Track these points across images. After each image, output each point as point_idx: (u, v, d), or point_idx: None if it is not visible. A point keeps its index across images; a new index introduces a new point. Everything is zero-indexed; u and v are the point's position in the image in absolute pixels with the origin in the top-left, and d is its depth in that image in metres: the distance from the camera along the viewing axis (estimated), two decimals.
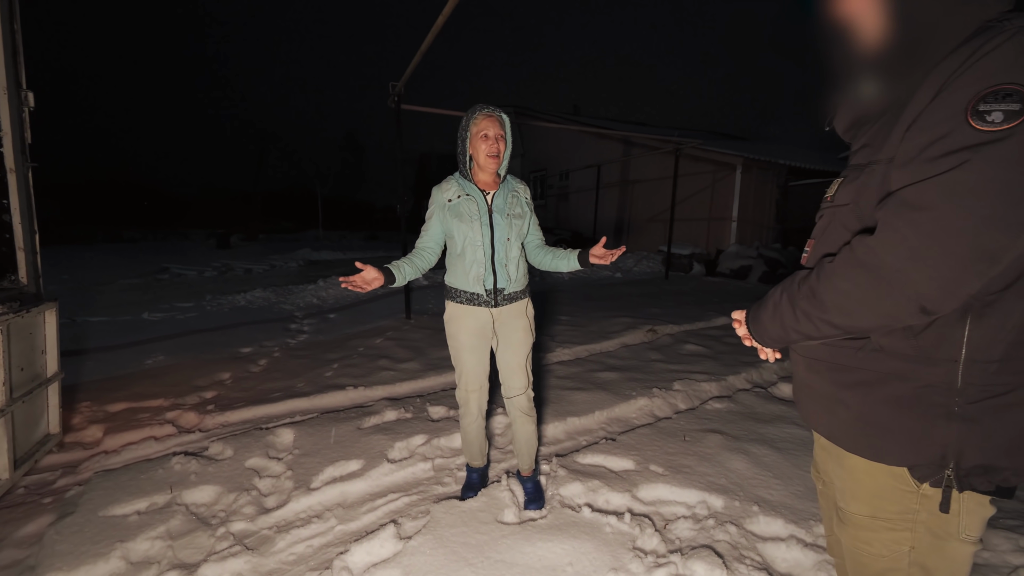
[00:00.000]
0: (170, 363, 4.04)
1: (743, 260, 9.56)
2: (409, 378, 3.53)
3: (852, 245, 0.72)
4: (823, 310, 0.75)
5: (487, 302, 1.82)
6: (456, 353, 1.90)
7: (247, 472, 2.23)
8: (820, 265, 0.77)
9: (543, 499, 1.99)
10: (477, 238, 1.78)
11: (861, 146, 0.82)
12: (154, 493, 2.04)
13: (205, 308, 6.48)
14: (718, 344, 4.47)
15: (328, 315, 6.00)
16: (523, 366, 1.93)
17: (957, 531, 0.76)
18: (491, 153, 1.74)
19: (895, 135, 0.71)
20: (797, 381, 0.97)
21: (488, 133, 1.74)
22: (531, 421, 1.97)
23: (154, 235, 26.81)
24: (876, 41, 0.77)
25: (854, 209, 0.79)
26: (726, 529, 1.81)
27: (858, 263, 0.69)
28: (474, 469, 2.08)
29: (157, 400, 3.21)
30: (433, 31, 3.75)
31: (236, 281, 9.58)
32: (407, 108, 5.47)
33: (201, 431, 2.73)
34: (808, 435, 2.57)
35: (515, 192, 1.87)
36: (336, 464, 2.25)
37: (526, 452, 2.00)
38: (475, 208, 1.78)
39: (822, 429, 0.90)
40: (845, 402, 0.83)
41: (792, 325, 0.81)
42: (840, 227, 0.82)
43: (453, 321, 1.88)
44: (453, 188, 1.82)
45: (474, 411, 1.95)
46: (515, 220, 1.83)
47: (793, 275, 0.84)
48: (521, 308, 1.90)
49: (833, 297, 0.73)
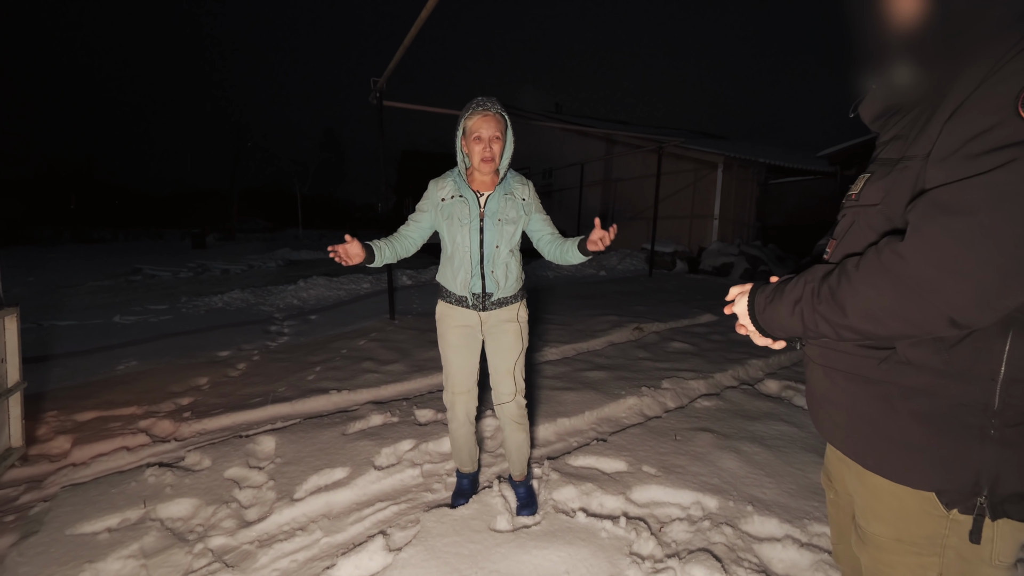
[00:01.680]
0: (143, 368, 3.88)
1: (725, 257, 9.67)
2: (395, 380, 3.45)
3: (878, 248, 0.65)
4: (843, 315, 0.68)
5: (475, 306, 1.79)
6: (444, 352, 1.86)
7: (226, 483, 2.13)
8: (843, 266, 0.70)
9: (536, 504, 1.94)
10: (465, 243, 1.73)
11: (891, 138, 0.75)
12: (126, 508, 1.93)
13: (180, 310, 6.27)
14: (704, 341, 4.49)
15: (309, 316, 5.86)
16: (511, 371, 1.85)
17: (990, 557, 0.70)
18: (485, 157, 1.66)
19: (933, 127, 0.64)
20: (813, 390, 0.90)
21: (482, 135, 1.64)
22: (522, 429, 1.90)
23: (125, 235, 25.97)
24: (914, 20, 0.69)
25: (883, 210, 0.72)
26: (722, 531, 1.79)
27: (883, 269, 0.63)
28: (464, 475, 2.02)
29: (130, 408, 3.07)
30: (416, 24, 3.66)
31: (213, 282, 9.31)
32: (389, 105, 5.37)
33: (177, 440, 2.61)
34: (798, 432, 2.58)
35: (511, 194, 1.77)
36: (320, 472, 2.16)
37: (517, 459, 1.94)
38: (466, 212, 1.72)
39: (840, 444, 0.84)
40: (867, 417, 0.76)
41: (810, 325, 0.74)
42: (866, 228, 0.76)
43: (443, 319, 1.85)
44: (448, 187, 1.75)
45: (460, 416, 1.89)
46: (506, 226, 1.75)
47: (812, 268, 0.77)
48: (512, 312, 1.85)
49: (855, 302, 0.67)
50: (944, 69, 0.66)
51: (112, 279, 9.56)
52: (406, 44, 4.05)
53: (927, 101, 0.68)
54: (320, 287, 7.55)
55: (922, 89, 0.70)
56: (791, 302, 0.77)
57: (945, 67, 0.66)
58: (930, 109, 0.66)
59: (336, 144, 42.16)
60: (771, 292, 0.83)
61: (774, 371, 3.75)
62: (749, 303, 0.87)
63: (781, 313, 0.79)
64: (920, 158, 0.66)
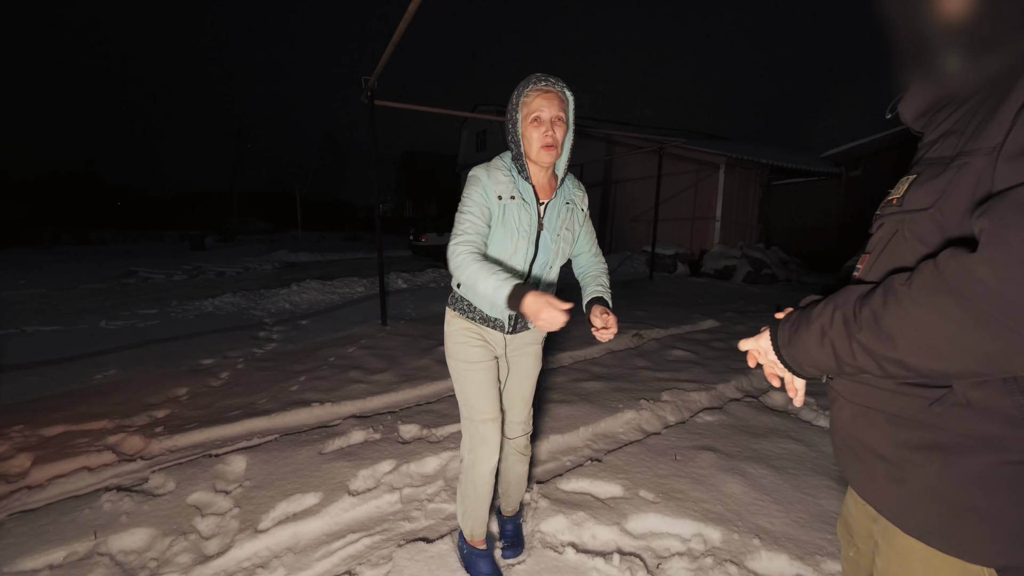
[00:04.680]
0: (122, 378, 3.72)
1: (727, 260, 9.49)
2: (381, 391, 3.28)
3: (939, 263, 0.53)
4: (891, 347, 0.56)
5: (505, 329, 1.50)
6: (465, 372, 1.48)
7: (188, 510, 1.97)
8: (888, 285, 0.58)
9: (523, 544, 1.76)
10: (519, 259, 1.41)
11: (941, 135, 0.64)
12: (75, 540, 1.77)
13: (169, 315, 6.12)
14: (706, 349, 4.32)
15: (300, 321, 5.70)
16: (528, 399, 1.65)
17: None
18: (546, 143, 1.31)
19: (1002, 116, 0.53)
20: (840, 430, 0.77)
21: (542, 115, 1.31)
22: (526, 461, 1.69)
23: (124, 237, 25.92)
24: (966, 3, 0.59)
25: (934, 215, 0.61)
26: (726, 569, 1.62)
27: (947, 288, 0.51)
28: (480, 552, 1.59)
29: (101, 422, 2.91)
30: (405, 19, 3.51)
31: (206, 285, 9.16)
32: (381, 104, 5.21)
33: (144, 459, 2.45)
34: (806, 451, 2.40)
35: (571, 202, 1.48)
36: (290, 498, 2.00)
37: (516, 493, 1.74)
38: (526, 220, 1.38)
39: (872, 498, 0.71)
40: (912, 469, 0.64)
41: (846, 358, 0.62)
42: (912, 239, 0.64)
43: (459, 334, 1.49)
44: (504, 182, 1.37)
45: (494, 450, 1.49)
46: (563, 244, 1.48)
47: (846, 290, 0.65)
48: (539, 334, 1.64)
49: (907, 331, 0.54)
50: (1005, 56, 0.57)
51: (105, 282, 9.43)
52: (395, 40, 3.89)
53: (988, 89, 0.59)
54: (313, 291, 7.40)
55: (981, 77, 0.60)
56: (819, 331, 0.66)
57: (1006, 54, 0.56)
58: (995, 97, 0.56)
59: (336, 146, 42.06)
60: (795, 319, 0.71)
61: None
62: (772, 338, 0.76)
63: (808, 344, 0.68)
64: (985, 152, 0.55)
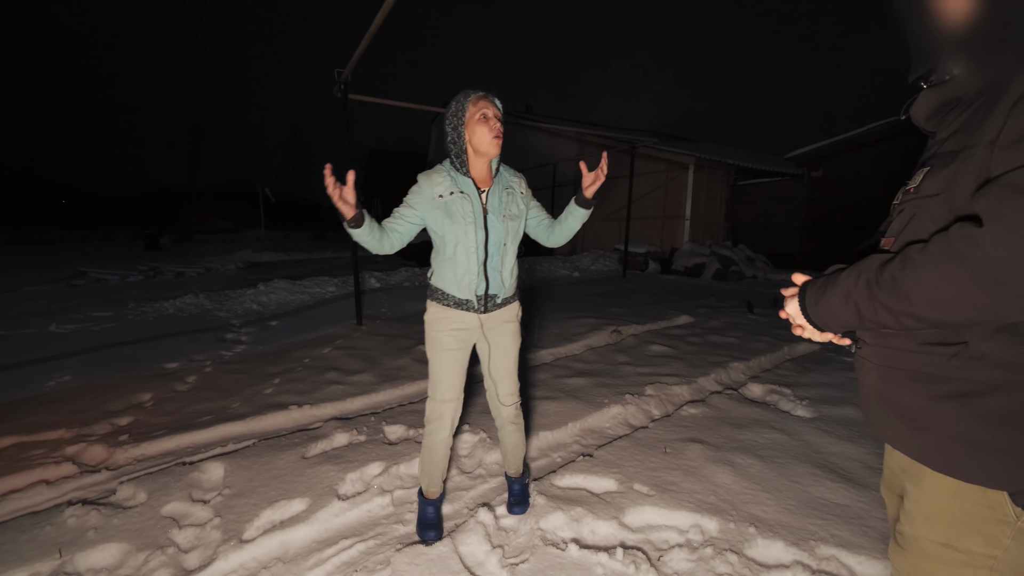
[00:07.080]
0: (78, 384, 3.48)
1: (697, 258, 9.74)
2: (361, 392, 3.19)
3: (949, 234, 0.63)
4: (907, 303, 0.67)
5: (477, 308, 1.69)
6: (435, 357, 1.72)
7: (164, 522, 1.84)
8: (906, 253, 0.68)
9: (528, 502, 1.92)
10: (471, 242, 1.62)
11: (951, 133, 0.73)
12: (37, 559, 1.63)
13: (126, 317, 5.78)
14: (683, 344, 4.40)
15: (269, 323, 5.49)
16: (512, 371, 1.83)
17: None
18: (496, 134, 1.57)
19: (997, 114, 0.63)
20: (868, 392, 0.86)
21: (487, 113, 1.57)
22: (519, 429, 1.89)
23: (71, 236, 24.43)
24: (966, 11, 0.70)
25: (945, 199, 0.71)
26: (726, 558, 1.63)
27: (954, 254, 0.61)
28: (431, 501, 1.83)
29: (57, 431, 2.70)
30: (382, 12, 3.42)
31: (165, 286, 8.73)
32: (355, 99, 5.07)
33: (109, 469, 2.29)
34: (789, 440, 2.47)
35: (510, 188, 1.70)
36: (275, 505, 1.90)
37: (514, 458, 1.91)
38: (469, 208, 1.61)
39: (905, 447, 0.80)
40: (939, 417, 0.73)
41: (868, 315, 0.73)
42: (928, 220, 0.73)
43: (437, 322, 1.71)
44: (445, 182, 1.62)
45: (447, 425, 1.75)
46: (511, 222, 1.68)
47: (869, 258, 0.75)
48: (512, 311, 1.80)
49: (920, 290, 0.65)
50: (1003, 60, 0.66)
51: (51, 284, 8.84)
52: (372, 31, 3.79)
53: (990, 90, 0.68)
54: (282, 291, 7.15)
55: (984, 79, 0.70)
56: (843, 293, 0.76)
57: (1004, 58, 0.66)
58: (993, 97, 0.66)
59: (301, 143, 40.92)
60: (822, 284, 0.82)
61: (756, 374, 3.67)
62: (800, 299, 0.87)
63: (834, 305, 0.79)
64: (984, 145, 0.64)
